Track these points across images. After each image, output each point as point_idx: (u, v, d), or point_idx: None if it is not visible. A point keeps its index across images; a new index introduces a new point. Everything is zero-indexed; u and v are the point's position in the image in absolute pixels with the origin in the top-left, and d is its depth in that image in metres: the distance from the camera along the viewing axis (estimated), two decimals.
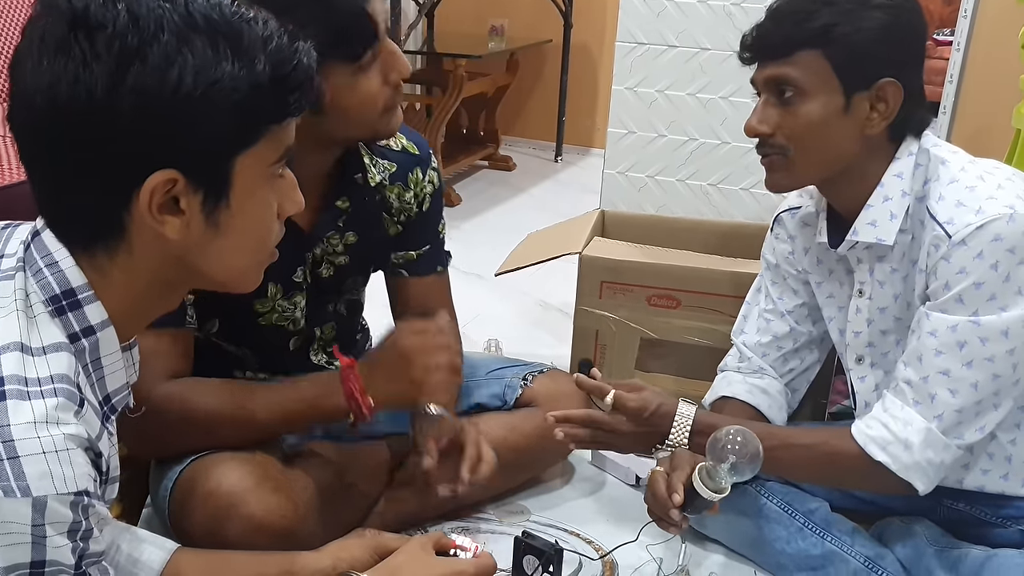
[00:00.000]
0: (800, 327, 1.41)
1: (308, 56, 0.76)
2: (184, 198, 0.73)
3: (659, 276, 1.69)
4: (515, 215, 3.18)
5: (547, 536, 1.32)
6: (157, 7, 0.71)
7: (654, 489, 1.20)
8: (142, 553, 1.00)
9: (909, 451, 1.16)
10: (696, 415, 1.22)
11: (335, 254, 1.31)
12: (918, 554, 1.29)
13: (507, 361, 1.58)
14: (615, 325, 1.73)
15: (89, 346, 0.76)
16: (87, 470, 0.71)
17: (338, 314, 1.38)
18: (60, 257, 0.75)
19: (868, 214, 1.20)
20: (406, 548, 1.02)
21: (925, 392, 1.16)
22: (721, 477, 1.12)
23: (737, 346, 1.45)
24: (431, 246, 1.39)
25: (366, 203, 1.30)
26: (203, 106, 0.71)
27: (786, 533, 1.36)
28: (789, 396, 1.43)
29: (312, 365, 1.37)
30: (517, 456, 1.43)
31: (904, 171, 1.19)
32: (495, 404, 1.49)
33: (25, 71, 0.71)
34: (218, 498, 1.13)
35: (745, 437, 1.13)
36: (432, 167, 1.38)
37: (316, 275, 1.30)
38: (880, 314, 1.26)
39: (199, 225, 0.75)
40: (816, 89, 1.16)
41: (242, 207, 0.76)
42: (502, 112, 3.99)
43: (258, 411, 1.18)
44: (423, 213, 1.37)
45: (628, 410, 1.22)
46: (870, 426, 1.19)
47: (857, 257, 1.26)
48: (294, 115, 0.77)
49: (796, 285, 1.40)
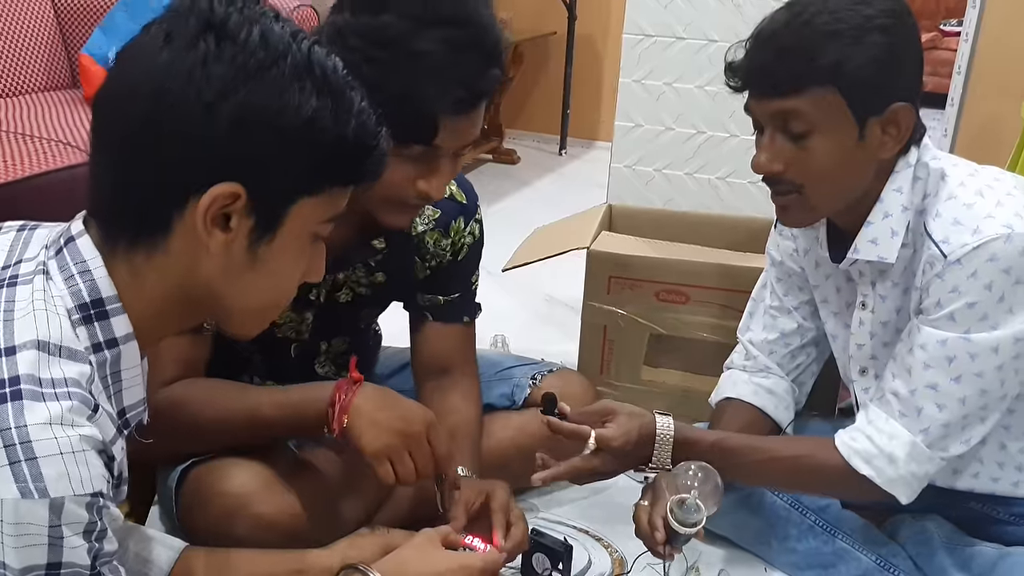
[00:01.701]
0: (807, 323, 1.39)
1: (387, 141, 0.82)
2: (237, 218, 0.76)
3: (668, 271, 1.67)
4: (520, 209, 3.17)
5: (556, 534, 1.32)
6: (285, 42, 0.76)
7: (638, 524, 1.18)
8: (151, 552, 1.00)
9: (893, 465, 1.15)
10: (675, 433, 1.20)
11: (358, 284, 1.30)
12: (930, 551, 1.28)
13: (515, 360, 1.57)
14: (623, 321, 1.71)
15: (111, 358, 0.77)
16: (102, 471, 0.71)
17: (350, 330, 1.37)
18: (94, 266, 0.76)
19: (869, 231, 1.18)
20: (414, 541, 1.01)
21: (912, 405, 1.14)
22: (689, 513, 1.12)
23: (743, 344, 1.43)
24: (460, 296, 1.37)
25: (402, 248, 1.29)
26: (293, 140, 0.75)
27: (796, 531, 1.35)
28: (796, 393, 1.42)
29: (317, 376, 1.36)
30: (525, 456, 1.38)
31: (903, 185, 1.16)
32: (503, 404, 1.48)
33: (138, 56, 0.74)
34: (227, 498, 1.12)
35: (705, 473, 1.13)
36: (476, 219, 1.36)
37: (333, 298, 1.29)
38: (882, 327, 1.25)
39: (240, 251, 0.77)
40: (830, 124, 1.10)
41: (283, 248, 0.79)
42: (506, 105, 3.97)
43: (255, 410, 1.15)
44: (457, 263, 1.34)
45: (612, 450, 1.18)
46: (854, 438, 1.18)
47: (859, 271, 1.24)
48: (358, 183, 0.82)
49: (802, 282, 1.39)
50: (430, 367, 1.37)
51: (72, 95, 2.50)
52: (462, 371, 1.37)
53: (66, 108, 2.33)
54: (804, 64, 1.09)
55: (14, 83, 2.44)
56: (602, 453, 1.19)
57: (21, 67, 2.46)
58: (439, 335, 1.36)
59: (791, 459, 1.22)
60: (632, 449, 1.19)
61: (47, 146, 1.98)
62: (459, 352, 1.37)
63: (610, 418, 1.21)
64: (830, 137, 1.11)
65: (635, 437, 1.19)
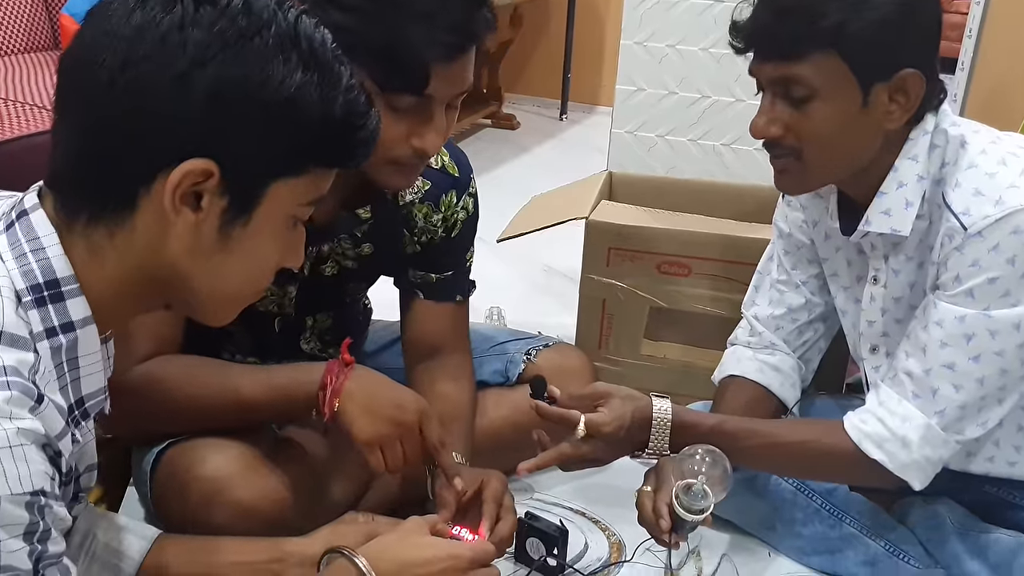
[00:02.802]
0: (815, 298, 1.35)
1: (376, 122, 0.78)
2: (209, 197, 0.71)
3: (669, 242, 1.63)
4: (519, 176, 3.11)
5: (551, 516, 1.28)
6: (271, 10, 0.71)
7: (642, 512, 1.15)
8: (122, 542, 0.96)
9: (907, 449, 1.10)
10: (673, 417, 1.16)
11: (344, 257, 1.25)
12: (942, 538, 1.24)
13: (510, 334, 1.53)
14: (623, 294, 1.67)
15: (67, 343, 0.73)
16: (43, 468, 0.66)
17: (336, 304, 1.32)
18: (48, 243, 0.71)
19: (882, 202, 1.13)
20: (401, 527, 0.98)
21: (927, 386, 1.10)
22: (696, 500, 1.09)
23: (748, 319, 1.39)
24: (453, 273, 1.32)
25: (389, 218, 1.24)
26: (273, 116, 0.70)
27: (803, 515, 1.32)
28: (802, 370, 1.37)
29: (302, 352, 1.32)
30: (520, 435, 1.35)
31: (919, 153, 1.11)
32: (497, 380, 1.44)
33: (109, 16, 0.69)
34: (204, 482, 1.07)
35: (713, 457, 1.09)
36: (470, 193, 1.31)
37: (318, 271, 1.24)
38: (895, 303, 1.20)
39: (210, 232, 0.73)
40: (832, 90, 1.06)
41: (258, 232, 0.74)
42: (505, 69, 3.88)
43: (239, 389, 1.11)
44: (450, 239, 1.30)
45: (604, 436, 1.14)
46: (865, 421, 1.13)
47: (871, 244, 1.19)
48: (343, 166, 0.77)
49: (811, 255, 1.34)
50: (421, 347, 1.33)
51: (53, 57, 2.43)
52: (454, 351, 1.33)
53: (46, 70, 2.26)
54: (805, 26, 1.05)
55: None
56: (593, 440, 1.14)
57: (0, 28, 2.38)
58: (430, 314, 1.32)
59: (796, 444, 1.18)
60: (625, 435, 1.15)
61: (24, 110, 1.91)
62: (451, 332, 1.33)
63: (603, 402, 1.16)
64: (831, 103, 1.07)
65: (628, 422, 1.15)
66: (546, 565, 1.25)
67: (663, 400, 1.17)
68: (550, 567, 1.25)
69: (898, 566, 1.25)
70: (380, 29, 0.96)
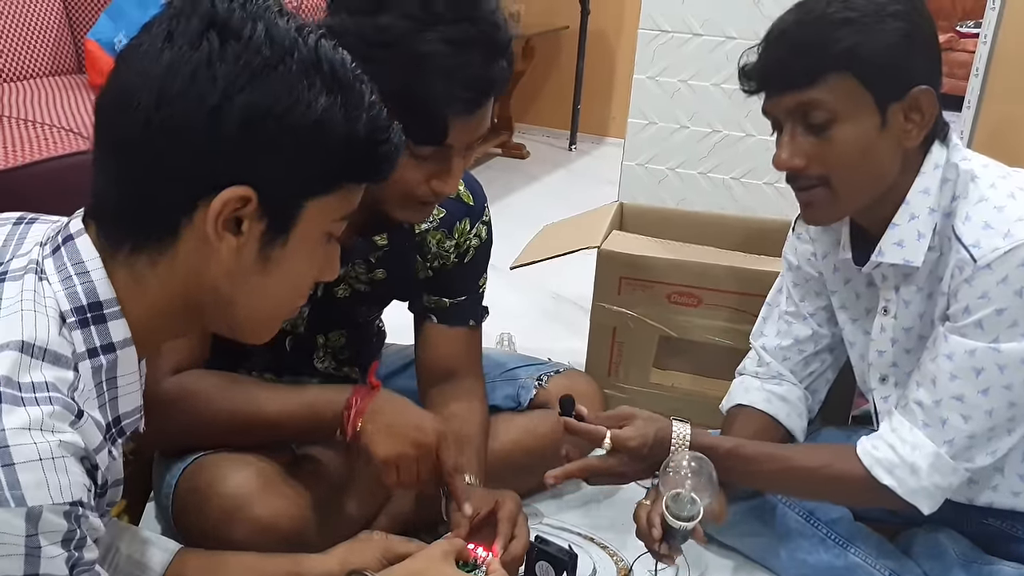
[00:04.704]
0: (822, 329, 1.36)
1: (399, 136, 0.80)
2: (248, 221, 0.74)
3: (680, 272, 1.64)
4: (529, 204, 3.14)
5: (560, 541, 1.29)
6: (291, 37, 0.73)
7: (637, 524, 1.17)
8: (144, 554, 0.98)
9: (916, 476, 1.12)
10: (692, 439, 1.19)
11: (357, 280, 1.27)
12: (945, 568, 1.24)
13: (521, 359, 1.55)
14: (633, 322, 1.68)
15: (107, 363, 0.75)
16: (82, 479, 0.68)
17: (348, 325, 1.34)
18: (92, 267, 0.74)
19: (894, 233, 1.14)
20: (427, 554, 0.99)
21: (936, 416, 1.11)
22: (683, 506, 1.10)
23: (756, 349, 1.40)
24: (467, 298, 1.34)
25: (404, 246, 1.26)
26: (303, 139, 0.73)
27: (807, 544, 1.32)
28: (809, 400, 1.39)
29: (316, 371, 1.34)
30: (530, 459, 1.39)
31: (930, 187, 1.13)
32: (509, 405, 1.45)
33: (140, 56, 0.72)
34: (224, 499, 1.09)
35: (698, 463, 1.11)
36: (483, 221, 1.33)
37: (330, 293, 1.26)
38: (905, 334, 1.22)
39: (251, 254, 0.75)
40: (850, 111, 1.08)
41: (296, 250, 0.77)
42: (516, 99, 3.93)
43: (265, 406, 1.14)
44: (463, 265, 1.32)
45: (629, 450, 1.18)
46: (876, 447, 1.15)
47: (882, 275, 1.21)
48: (371, 180, 0.80)
49: (819, 287, 1.35)
50: (434, 371, 1.34)
51: (77, 80, 2.47)
52: (467, 375, 1.34)
53: (71, 94, 2.30)
54: (819, 53, 1.07)
55: (19, 67, 2.41)
56: (618, 454, 1.18)
57: (26, 51, 2.44)
58: (444, 338, 1.34)
59: (811, 468, 1.19)
60: (648, 452, 1.17)
61: (50, 132, 1.95)
62: (464, 356, 1.35)
63: (627, 421, 1.20)
64: (852, 125, 1.09)
65: (651, 440, 1.18)
66: None
67: (683, 424, 1.20)
68: None
69: None
70: (400, 83, 0.96)
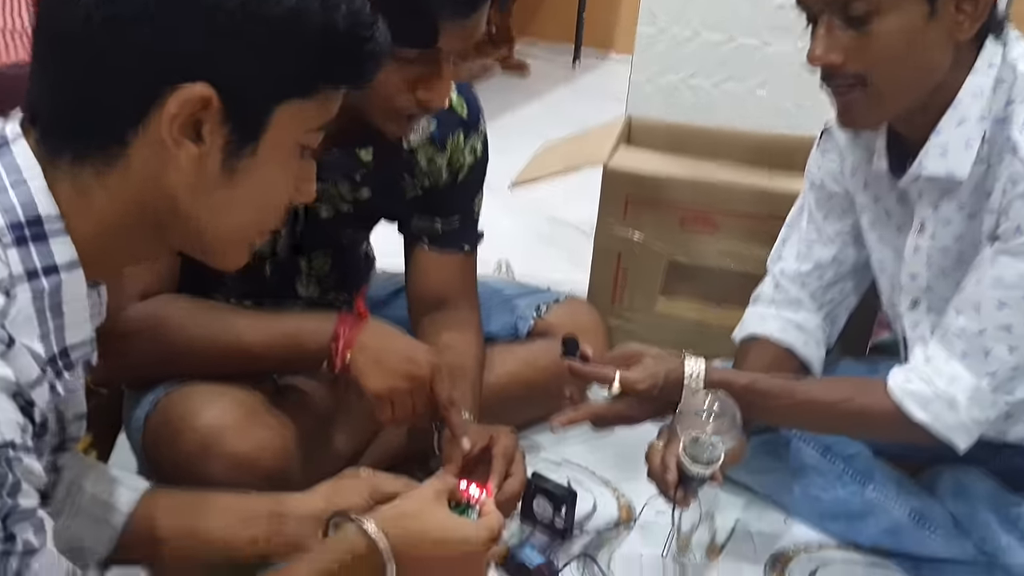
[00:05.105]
0: (846, 253, 1.28)
1: (384, 35, 0.73)
2: (210, 126, 0.66)
3: (692, 192, 1.56)
4: (529, 122, 3.02)
5: (560, 476, 1.23)
6: None
7: (650, 466, 1.11)
8: (111, 494, 0.91)
9: (954, 411, 1.05)
10: (707, 375, 1.12)
11: (341, 200, 1.18)
12: (972, 508, 1.19)
13: (519, 288, 1.49)
14: (639, 247, 1.61)
15: (50, 287, 0.67)
16: (14, 417, 0.61)
17: (332, 248, 1.26)
18: (30, 176, 0.66)
19: (938, 141, 1.05)
20: (417, 495, 0.92)
21: (979, 346, 1.03)
22: (702, 451, 1.03)
23: (773, 275, 1.32)
24: (460, 221, 1.26)
25: (392, 163, 1.18)
26: (274, 31, 0.66)
27: (823, 480, 1.27)
28: (827, 330, 1.31)
29: (299, 297, 1.26)
30: (529, 391, 1.34)
31: (983, 88, 1.02)
32: (506, 334, 1.39)
33: None
34: (198, 433, 1.02)
35: (721, 404, 1.04)
36: (479, 135, 1.24)
37: (311, 212, 1.18)
38: (942, 255, 1.13)
39: (215, 165, 0.68)
40: (895, 2, 0.97)
41: (265, 163, 0.69)
42: (517, 11, 3.76)
43: (243, 334, 1.06)
44: (456, 184, 1.24)
45: (638, 393, 1.11)
46: (909, 380, 1.08)
47: (919, 190, 1.11)
48: (352, 83, 0.73)
49: (844, 206, 1.26)
50: (426, 299, 1.27)
51: None
52: (461, 304, 1.27)
53: None
54: None
55: None
56: (627, 397, 1.11)
57: None
58: (436, 264, 1.26)
59: (833, 403, 1.12)
60: (659, 394, 1.11)
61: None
62: (458, 283, 1.27)
63: (635, 361, 1.13)
64: (896, 16, 0.98)
65: (662, 381, 1.11)
66: (553, 526, 1.21)
67: (696, 360, 1.13)
68: (557, 528, 1.21)
69: (923, 536, 1.20)
70: None
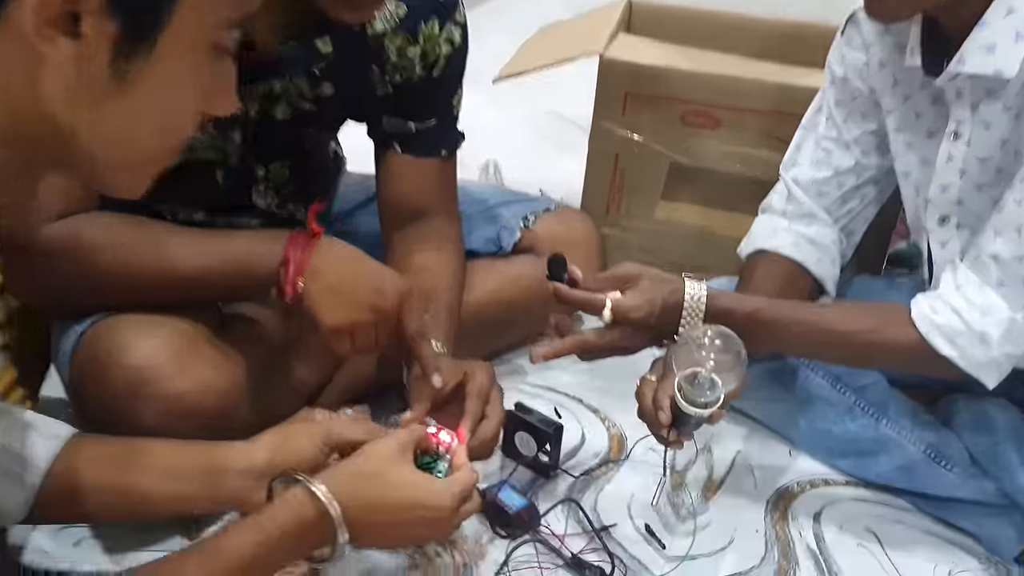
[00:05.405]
0: (867, 159, 1.15)
1: None
2: (91, 20, 0.53)
3: (698, 87, 1.42)
4: (516, 6, 2.78)
5: (545, 404, 1.13)
6: None
7: (641, 404, 1.00)
8: (25, 444, 0.82)
9: (985, 346, 0.95)
10: (708, 302, 1.00)
11: (300, 98, 1.04)
12: (993, 443, 1.09)
13: (505, 195, 1.35)
14: (639, 147, 1.48)
15: None
16: None
17: (292, 153, 1.13)
18: None
19: (983, 34, 0.92)
20: (377, 452, 0.81)
21: (1018, 274, 0.94)
22: (700, 391, 0.92)
23: (786, 182, 1.20)
24: (437, 122, 1.13)
25: (355, 53, 1.03)
26: None
27: (832, 412, 1.17)
28: (843, 244, 1.20)
29: (256, 209, 1.13)
30: (513, 312, 1.23)
31: None
32: (489, 250, 1.27)
33: None
34: (129, 371, 0.91)
35: (724, 340, 0.93)
36: (456, 22, 1.08)
37: (268, 114, 1.04)
38: (979, 165, 1.00)
39: (100, 69, 0.55)
40: None
41: (165, 66, 0.57)
42: None
43: (176, 259, 0.94)
44: (432, 80, 1.09)
45: (633, 322, 1.00)
46: (936, 310, 0.97)
47: (957, 89, 0.98)
48: None
49: (868, 107, 1.13)
50: (399, 211, 1.15)
51: None
52: (438, 216, 1.15)
53: None
54: None
55: None
56: (620, 326, 1.00)
57: None
58: (410, 171, 1.13)
59: (849, 334, 1.02)
60: (656, 321, 0.99)
61: None
62: (435, 193, 1.15)
63: (631, 284, 1.01)
64: None
65: (659, 308, 0.99)
66: (537, 461, 1.11)
67: (696, 283, 1.01)
68: (542, 463, 1.11)
69: (938, 474, 1.11)
70: None
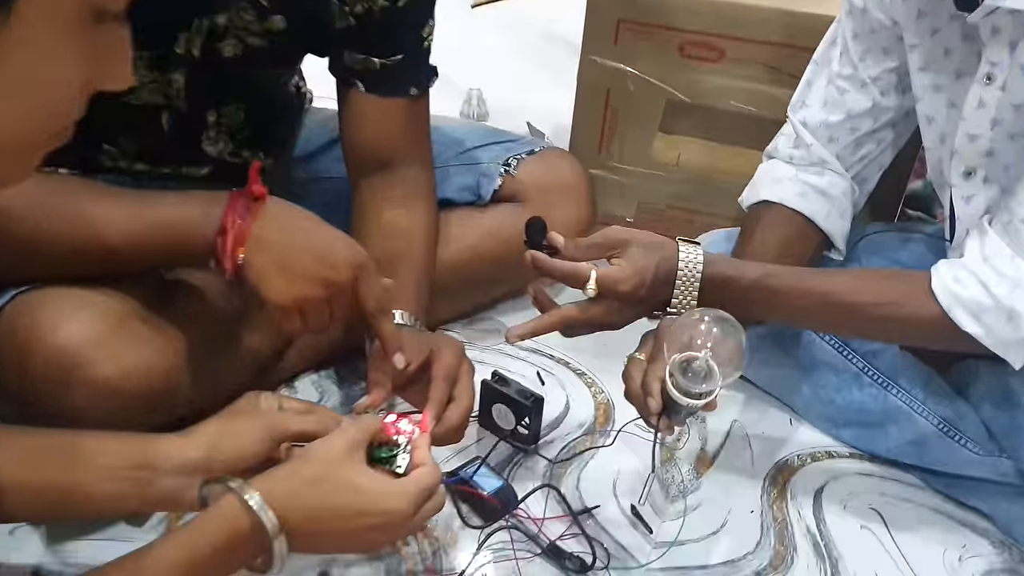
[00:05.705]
0: (886, 100, 1.05)
1: None
2: None
3: (697, 15, 1.31)
4: None
5: (527, 366, 1.05)
6: None
7: (629, 386, 0.92)
8: None
9: (1013, 324, 0.87)
10: (705, 268, 0.92)
11: (248, 32, 0.94)
12: (1012, 417, 1.02)
13: (485, 135, 1.24)
14: (633, 82, 1.37)
15: None
16: None
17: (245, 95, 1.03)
18: None
19: None
20: (324, 451, 0.73)
21: None
22: (695, 381, 0.84)
23: (794, 124, 1.10)
24: (404, 57, 1.02)
25: None
26: None
27: (838, 380, 1.10)
28: (855, 194, 1.11)
29: (207, 157, 1.04)
30: (493, 267, 1.15)
31: None
32: (466, 199, 1.17)
33: None
34: (54, 353, 0.82)
35: (723, 326, 0.85)
36: None
37: (214, 52, 0.94)
38: (1015, 112, 0.91)
39: None
40: None
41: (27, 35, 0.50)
42: None
43: (102, 227, 0.84)
44: (398, 9, 0.98)
45: (620, 295, 0.91)
46: (960, 281, 0.89)
47: (993, 26, 0.88)
48: None
49: (889, 42, 1.03)
50: (364, 158, 1.05)
51: None
52: (408, 163, 1.06)
53: None
54: None
55: None
56: (606, 300, 0.92)
57: None
58: (376, 112, 1.03)
59: (864, 306, 0.94)
60: (646, 293, 0.91)
61: None
62: (403, 137, 1.05)
63: (619, 252, 0.92)
64: None
65: (650, 279, 0.91)
66: (516, 434, 1.04)
67: (693, 247, 0.93)
68: (521, 435, 1.04)
69: (952, 449, 1.04)
70: None
